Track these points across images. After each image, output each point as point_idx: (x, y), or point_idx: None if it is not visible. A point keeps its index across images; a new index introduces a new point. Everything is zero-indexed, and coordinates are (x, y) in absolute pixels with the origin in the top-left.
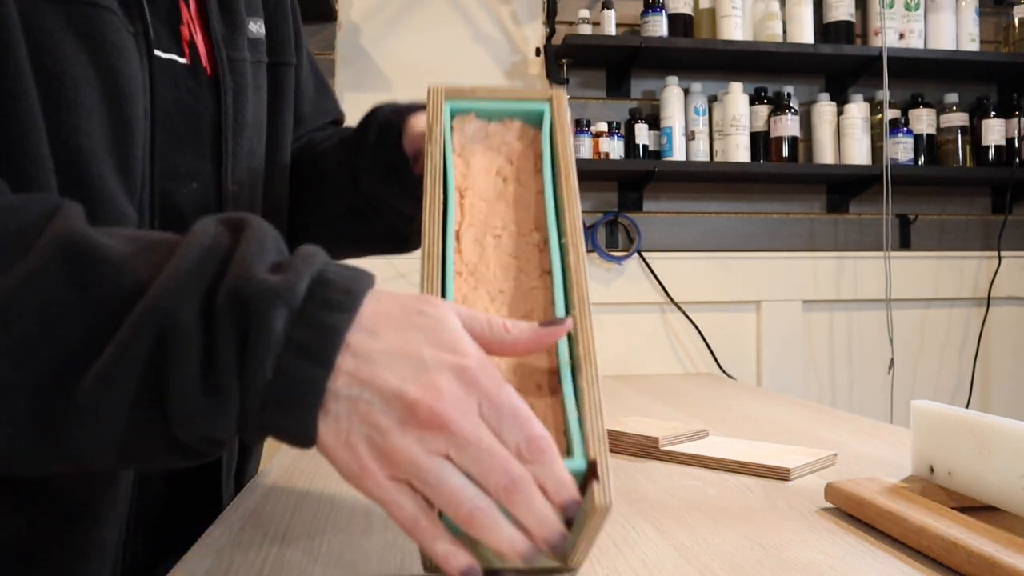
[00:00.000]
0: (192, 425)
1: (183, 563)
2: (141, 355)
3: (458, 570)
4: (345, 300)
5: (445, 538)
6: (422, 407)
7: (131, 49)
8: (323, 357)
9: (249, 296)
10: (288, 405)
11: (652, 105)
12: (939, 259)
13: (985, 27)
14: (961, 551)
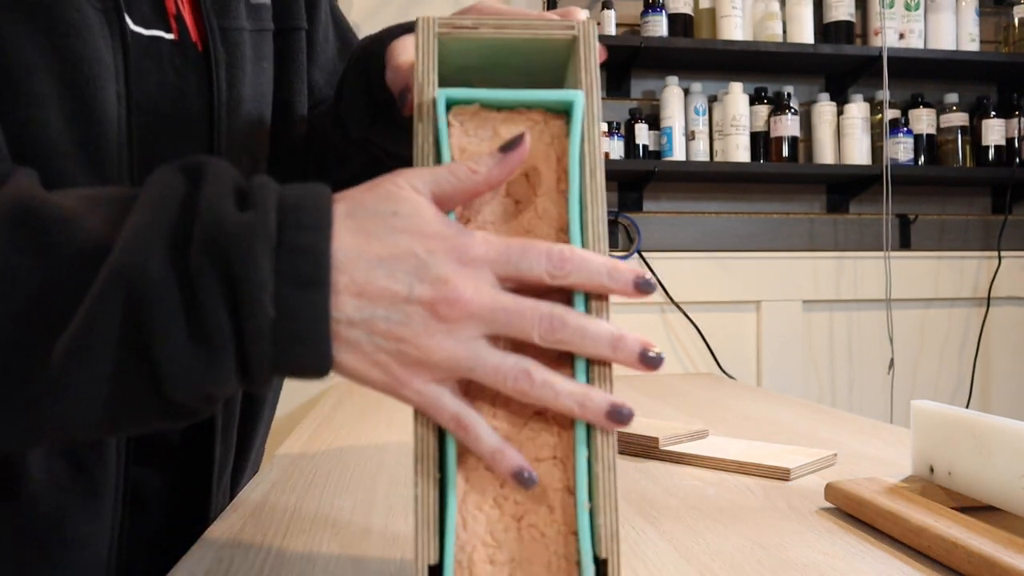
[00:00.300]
0: (188, 380)
1: (183, 563)
2: (114, 321)
3: (509, 470)
4: (316, 218)
5: (492, 436)
6: (439, 303)
7: (94, 28)
8: (317, 280)
9: (226, 237)
10: (300, 337)
11: (652, 105)
12: (939, 259)
13: (985, 27)
14: (961, 551)
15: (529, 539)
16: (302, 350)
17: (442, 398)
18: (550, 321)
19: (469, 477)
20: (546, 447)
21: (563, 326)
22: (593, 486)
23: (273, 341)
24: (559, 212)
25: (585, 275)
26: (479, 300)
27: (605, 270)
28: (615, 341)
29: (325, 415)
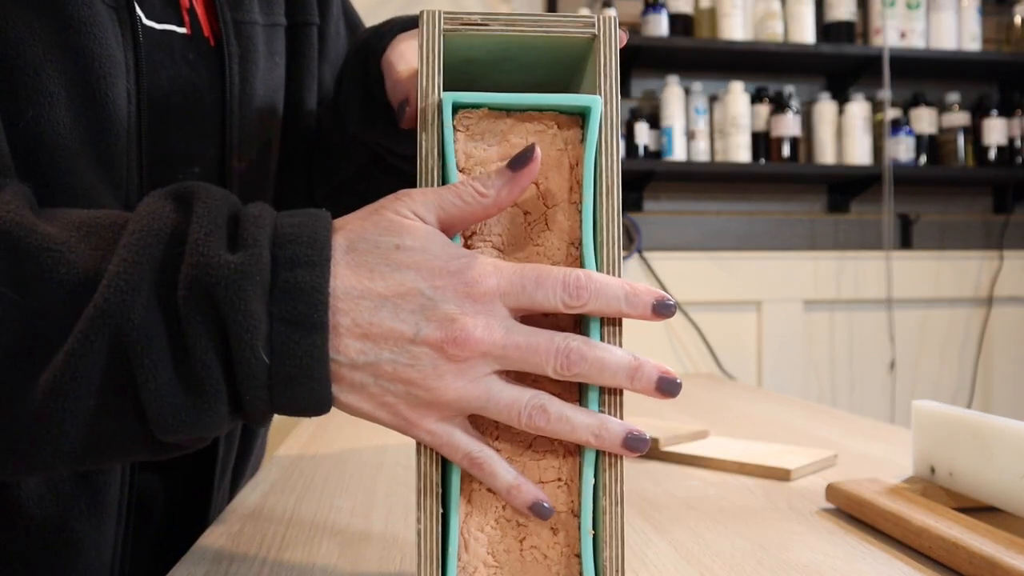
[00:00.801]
0: (177, 427)
1: (183, 563)
2: (98, 363)
3: (526, 504)
4: (313, 253)
5: (508, 471)
6: (447, 343)
7: (105, 24)
8: (314, 321)
9: (215, 283)
10: (296, 380)
11: (652, 105)
12: (940, 259)
13: (987, 26)
14: (962, 552)
15: (531, 560)
16: (300, 391)
17: (454, 437)
18: (567, 356)
19: (471, 498)
20: (550, 469)
21: (581, 359)
22: (599, 519)
23: (268, 385)
24: (571, 225)
25: (603, 302)
26: (490, 339)
27: (623, 294)
28: (633, 371)
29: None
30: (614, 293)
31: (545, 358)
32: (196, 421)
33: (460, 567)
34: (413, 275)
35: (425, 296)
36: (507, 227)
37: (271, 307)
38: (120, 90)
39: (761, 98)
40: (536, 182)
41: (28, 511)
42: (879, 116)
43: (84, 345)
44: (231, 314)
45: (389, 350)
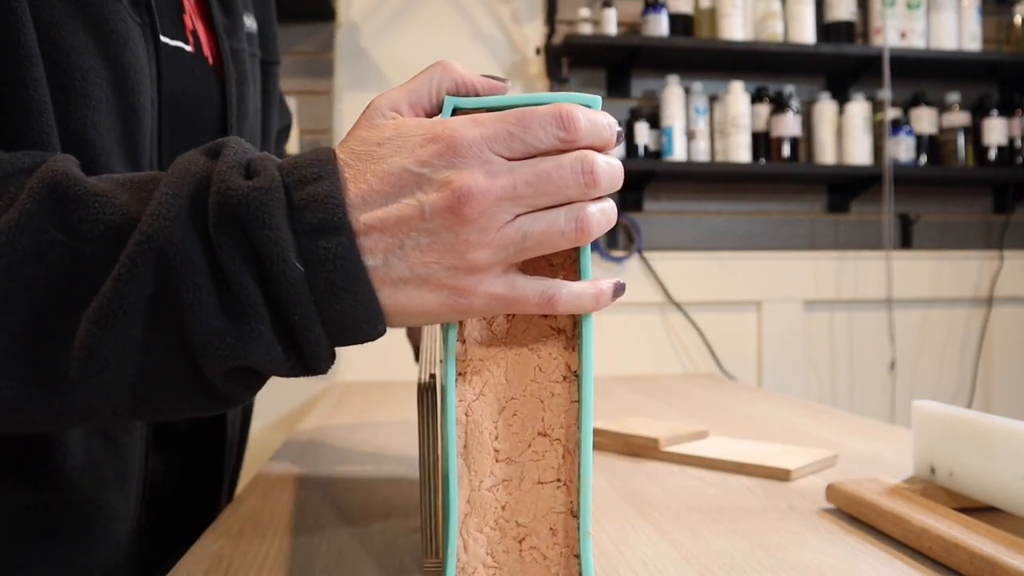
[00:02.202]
0: (222, 354)
1: (183, 563)
2: (143, 293)
3: (615, 294)
4: (319, 169)
5: (582, 285)
6: (456, 205)
7: (136, 38)
8: (336, 223)
9: (237, 204)
10: (339, 286)
11: (652, 105)
12: (940, 259)
13: (987, 26)
14: (963, 552)
15: (530, 561)
16: (346, 298)
17: (517, 287)
18: (591, 177)
19: (471, 499)
20: (550, 470)
21: (603, 173)
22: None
23: (313, 300)
24: None
25: (596, 133)
26: (496, 184)
27: (606, 122)
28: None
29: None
30: (606, 122)
31: (563, 182)
32: (240, 346)
33: (459, 567)
34: (397, 159)
35: (415, 173)
36: None
37: (293, 224)
38: (147, 98)
39: (761, 98)
40: None
41: (71, 480)
42: (879, 116)
43: (130, 270)
44: (258, 230)
45: (408, 237)
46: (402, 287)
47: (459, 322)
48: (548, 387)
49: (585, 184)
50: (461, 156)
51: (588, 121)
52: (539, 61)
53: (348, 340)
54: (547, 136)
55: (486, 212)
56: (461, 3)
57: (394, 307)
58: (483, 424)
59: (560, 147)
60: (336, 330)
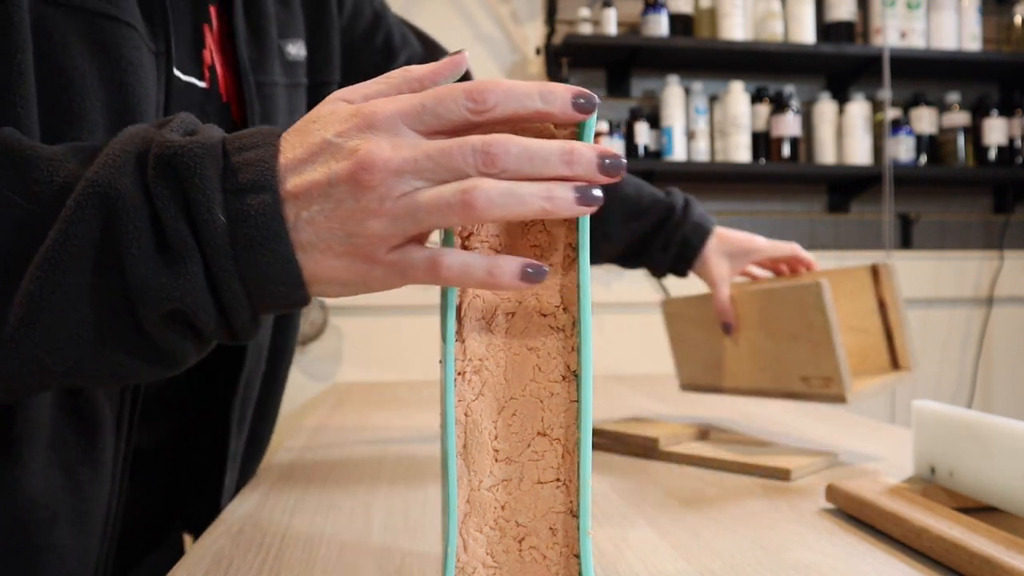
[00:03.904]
0: (156, 293)
1: (183, 563)
2: (88, 237)
3: (513, 276)
4: (260, 139)
5: (477, 258)
6: (357, 173)
7: (148, 67)
8: (261, 184)
9: (173, 155)
10: (257, 242)
11: (652, 105)
12: (940, 259)
13: (987, 26)
14: (962, 552)
15: (530, 560)
16: (263, 254)
17: (408, 254)
18: (485, 152)
19: (471, 499)
20: (549, 469)
21: (505, 152)
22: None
23: (233, 253)
24: (568, 225)
25: (515, 102)
26: (398, 155)
27: (536, 92)
28: (567, 155)
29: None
30: (525, 91)
31: (463, 158)
32: (173, 286)
33: (459, 568)
34: (321, 131)
35: (332, 143)
36: (504, 228)
37: (225, 184)
38: None
39: (761, 98)
40: None
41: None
42: (879, 116)
43: (75, 214)
44: (189, 179)
45: (316, 202)
46: (311, 251)
47: (458, 321)
48: (547, 387)
49: (482, 163)
50: (374, 128)
51: (503, 92)
52: (539, 61)
53: (267, 300)
54: (458, 108)
55: (386, 181)
56: (461, 3)
57: (308, 272)
58: (482, 424)
59: (472, 119)
60: (254, 288)
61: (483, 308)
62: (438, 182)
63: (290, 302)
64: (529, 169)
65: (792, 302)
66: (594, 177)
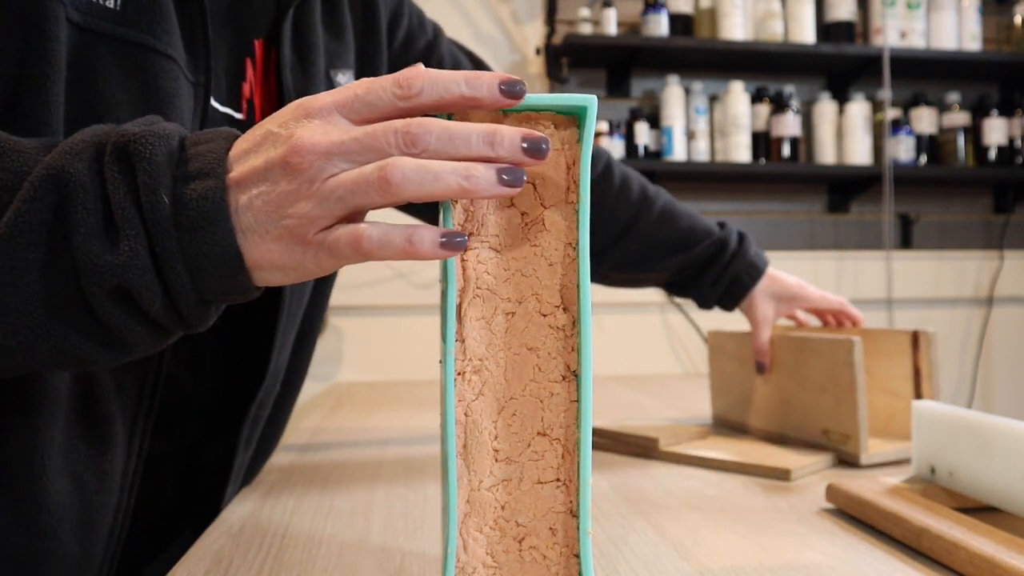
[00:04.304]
0: (101, 270)
1: (183, 563)
2: (42, 214)
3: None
4: (218, 135)
5: (398, 230)
6: (289, 156)
7: (186, 97)
8: (209, 171)
9: (128, 141)
10: (199, 225)
11: (652, 104)
12: (940, 259)
13: (987, 26)
14: (962, 552)
15: (530, 561)
16: (204, 237)
17: (333, 233)
18: (407, 132)
19: (471, 499)
20: (549, 469)
21: (426, 132)
22: None
23: (176, 234)
24: (568, 225)
25: (441, 88)
26: (327, 139)
27: (462, 79)
28: (489, 136)
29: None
30: (451, 78)
31: (385, 139)
32: (117, 264)
33: (459, 568)
34: (267, 124)
35: (272, 133)
36: (504, 228)
37: (176, 171)
38: None
39: (761, 98)
40: (533, 182)
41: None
42: (879, 116)
43: (30, 193)
44: (139, 163)
45: (254, 186)
46: (251, 236)
47: (458, 321)
48: (547, 387)
49: (404, 143)
50: (310, 116)
51: (429, 79)
52: (539, 61)
53: (211, 285)
54: (386, 95)
55: (315, 163)
56: (461, 3)
57: (249, 257)
58: (482, 424)
59: (400, 105)
60: (197, 271)
61: (483, 308)
62: (364, 164)
63: (234, 287)
64: (450, 149)
65: (824, 355)
66: (517, 159)
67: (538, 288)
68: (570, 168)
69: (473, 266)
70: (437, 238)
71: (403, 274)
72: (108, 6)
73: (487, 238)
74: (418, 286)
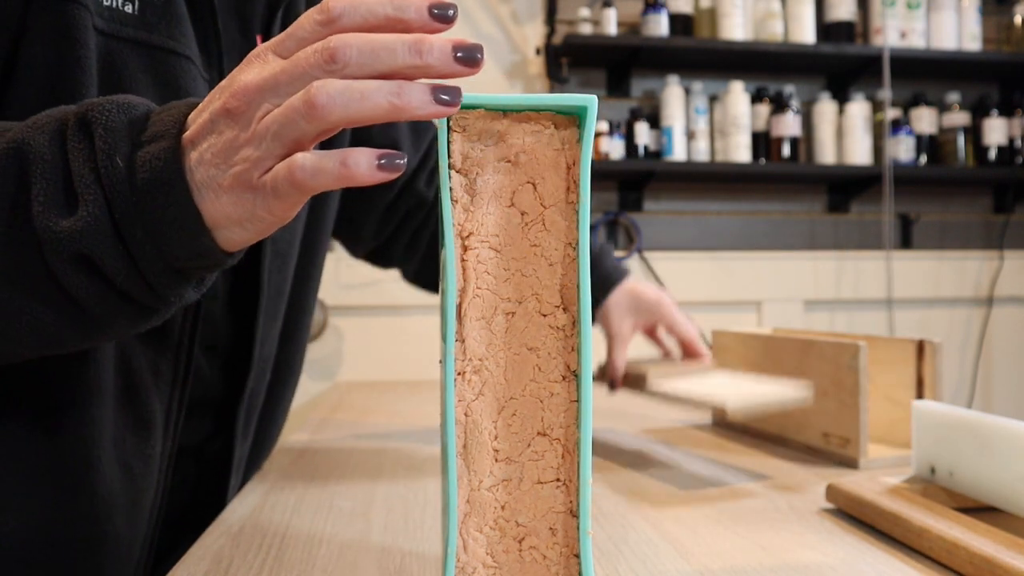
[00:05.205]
0: (61, 236)
1: (182, 564)
2: (5, 185)
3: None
4: (182, 103)
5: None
6: (228, 101)
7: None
8: (163, 133)
9: (87, 112)
10: (154, 186)
11: (652, 104)
12: (940, 259)
13: (987, 26)
14: (962, 552)
15: (530, 561)
16: (160, 198)
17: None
18: (326, 48)
19: (471, 499)
20: (549, 469)
21: (346, 46)
22: None
23: (133, 198)
24: (568, 225)
25: (364, 11)
26: (259, 76)
27: (388, 1)
28: (416, 44)
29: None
30: (376, 2)
31: (307, 61)
32: (77, 231)
33: (459, 568)
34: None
35: (220, 87)
36: (504, 228)
37: (134, 137)
38: None
39: (761, 98)
40: (533, 182)
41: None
42: (879, 116)
43: None
44: (97, 130)
45: (205, 140)
46: (205, 192)
47: (458, 321)
48: (547, 387)
49: (324, 60)
50: (248, 62)
51: (351, 3)
52: (539, 61)
53: (175, 248)
54: (310, 25)
55: (251, 103)
56: (461, 3)
57: (207, 215)
58: (482, 424)
59: (324, 32)
60: (157, 233)
61: (483, 308)
62: (292, 95)
63: (199, 250)
64: (374, 62)
65: (829, 358)
66: (448, 68)
67: (538, 288)
68: (570, 168)
69: (473, 266)
70: (374, 160)
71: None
72: (128, 11)
73: (487, 238)
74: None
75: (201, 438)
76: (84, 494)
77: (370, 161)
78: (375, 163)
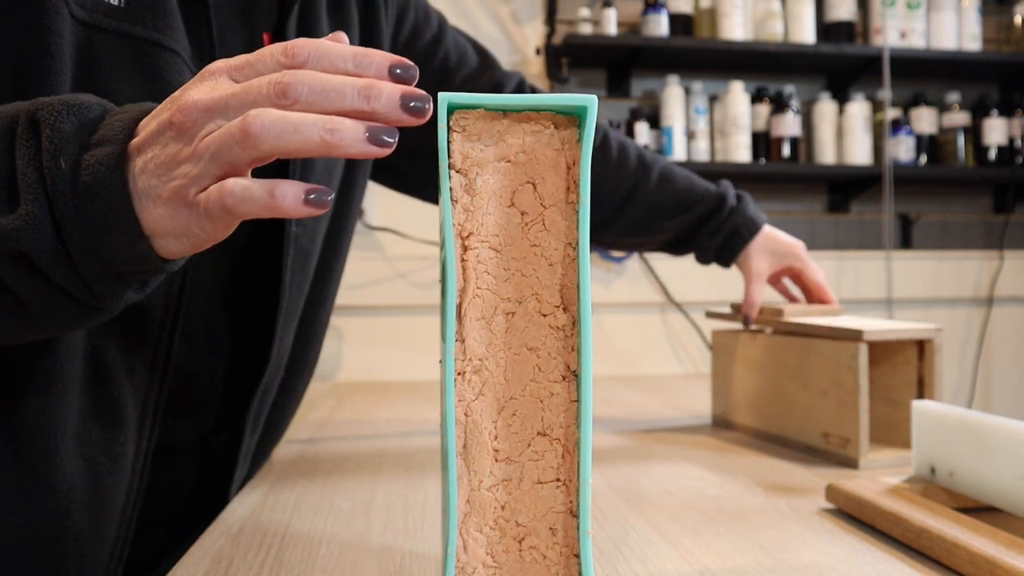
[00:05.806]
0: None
1: (182, 564)
2: None
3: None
4: (134, 108)
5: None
6: (175, 116)
7: None
8: (110, 139)
9: (37, 111)
10: (93, 189)
11: (652, 105)
12: (941, 259)
13: (987, 26)
14: (963, 552)
15: (530, 561)
16: (99, 203)
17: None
18: (279, 82)
19: (471, 499)
20: (549, 469)
21: (298, 83)
22: None
23: (74, 200)
24: (568, 225)
25: (328, 62)
26: (208, 97)
27: (350, 55)
28: (366, 90)
29: (325, 415)
30: (339, 53)
31: (258, 91)
32: (15, 228)
33: (459, 568)
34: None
35: (172, 98)
36: (504, 228)
37: (82, 139)
38: None
39: (761, 98)
40: (533, 182)
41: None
42: (879, 116)
43: None
44: (45, 131)
45: (150, 150)
46: (145, 201)
47: (458, 321)
48: (547, 387)
49: (276, 93)
50: (201, 80)
51: (315, 49)
52: (539, 61)
53: (113, 253)
54: (273, 62)
55: (197, 121)
56: (461, 3)
57: (145, 223)
58: (482, 424)
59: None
60: (96, 237)
61: (483, 308)
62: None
63: (137, 256)
64: (323, 102)
65: (829, 358)
66: (395, 115)
67: (538, 288)
68: (570, 168)
69: (473, 266)
70: (300, 194)
71: (403, 274)
72: (113, 3)
73: (487, 238)
74: (418, 286)
75: (201, 433)
76: (41, 486)
77: (296, 195)
78: (301, 197)
